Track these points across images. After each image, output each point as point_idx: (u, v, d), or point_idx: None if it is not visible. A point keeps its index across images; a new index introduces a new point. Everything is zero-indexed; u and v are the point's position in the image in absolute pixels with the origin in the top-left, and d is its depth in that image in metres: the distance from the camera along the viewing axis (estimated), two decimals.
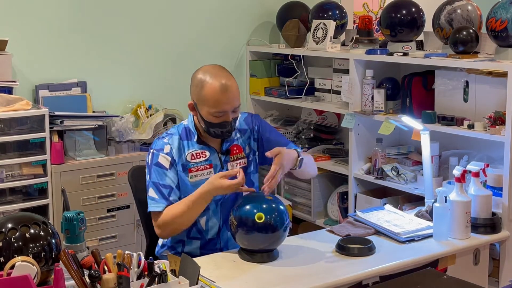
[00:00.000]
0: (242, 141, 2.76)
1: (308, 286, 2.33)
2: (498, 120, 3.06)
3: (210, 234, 2.73)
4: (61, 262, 2.00)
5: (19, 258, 1.99)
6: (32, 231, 2.08)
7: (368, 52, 3.74)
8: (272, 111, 4.70)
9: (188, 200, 2.61)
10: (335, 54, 4.02)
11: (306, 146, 4.27)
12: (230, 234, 2.62)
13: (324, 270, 2.47)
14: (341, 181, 4.14)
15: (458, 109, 3.35)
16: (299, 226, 4.30)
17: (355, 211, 3.21)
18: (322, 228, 3.71)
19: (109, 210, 3.85)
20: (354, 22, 4.97)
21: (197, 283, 2.11)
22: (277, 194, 4.25)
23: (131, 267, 2.05)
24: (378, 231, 2.83)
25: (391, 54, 3.61)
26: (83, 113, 3.86)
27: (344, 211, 4.03)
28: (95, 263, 2.05)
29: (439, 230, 2.77)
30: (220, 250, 2.71)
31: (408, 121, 3.23)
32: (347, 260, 2.57)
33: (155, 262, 2.11)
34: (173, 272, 2.13)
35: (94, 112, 3.97)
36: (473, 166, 2.92)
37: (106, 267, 2.02)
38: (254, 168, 2.79)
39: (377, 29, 4.78)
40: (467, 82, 3.30)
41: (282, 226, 2.50)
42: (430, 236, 2.79)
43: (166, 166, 2.64)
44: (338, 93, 4.05)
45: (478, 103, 3.27)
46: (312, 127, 4.35)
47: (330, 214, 4.19)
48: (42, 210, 3.52)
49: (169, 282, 2.05)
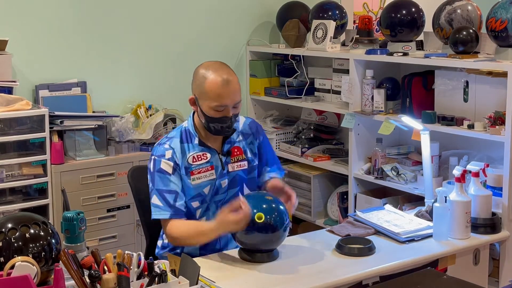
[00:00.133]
0: (244, 144, 2.76)
1: (308, 286, 2.34)
2: (498, 120, 3.06)
3: None
4: (61, 262, 2.00)
5: (19, 258, 1.99)
6: (32, 231, 2.08)
7: (368, 52, 3.74)
8: (272, 111, 4.69)
9: (199, 227, 2.60)
10: (335, 54, 4.02)
11: (306, 146, 4.27)
12: (230, 234, 2.62)
13: (324, 270, 2.47)
14: (341, 181, 4.14)
15: (458, 109, 3.35)
16: (299, 226, 4.30)
17: (355, 211, 3.20)
18: (322, 228, 3.71)
19: (109, 210, 3.84)
20: (354, 22, 4.97)
21: (197, 283, 2.11)
22: None
23: (131, 267, 2.05)
24: (378, 231, 2.83)
25: (391, 54, 3.61)
26: (83, 113, 3.86)
27: (344, 211, 4.03)
28: (95, 263, 2.05)
29: (439, 230, 2.77)
30: (220, 250, 2.70)
31: (408, 121, 3.23)
32: (347, 260, 2.56)
33: (155, 262, 2.11)
34: (173, 272, 2.13)
35: (94, 112, 3.97)
36: (473, 166, 2.92)
37: (106, 267, 2.02)
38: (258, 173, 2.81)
39: (377, 29, 4.78)
40: (467, 82, 3.30)
41: (282, 226, 2.50)
42: (430, 236, 2.79)
43: (169, 171, 2.63)
44: (338, 93, 4.04)
45: (478, 103, 3.26)
46: (312, 127, 4.35)
47: (330, 214, 4.19)
48: (42, 210, 3.52)
49: (169, 282, 2.05)
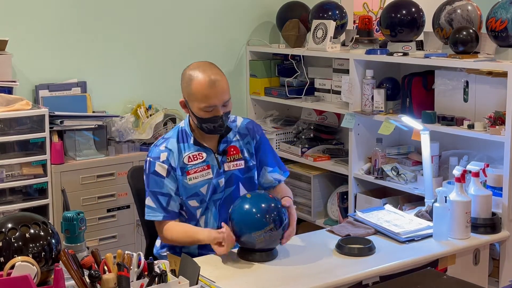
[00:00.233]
0: (241, 143, 2.76)
1: (308, 286, 2.33)
2: (498, 120, 3.06)
3: None
4: (61, 262, 2.00)
5: (19, 258, 1.99)
6: (32, 231, 2.08)
7: (368, 52, 3.74)
8: (272, 111, 4.69)
9: (190, 235, 2.62)
10: (335, 54, 4.02)
11: (306, 146, 4.27)
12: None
13: (324, 270, 2.46)
14: (341, 181, 4.14)
15: (458, 109, 3.35)
16: (299, 226, 4.28)
17: (355, 211, 3.20)
18: (322, 228, 3.71)
19: (109, 210, 3.84)
20: (354, 22, 4.97)
21: (197, 283, 2.11)
22: None
23: (131, 267, 2.05)
24: (378, 231, 2.83)
25: (391, 54, 3.61)
26: (83, 113, 3.86)
27: (344, 211, 4.03)
28: (95, 263, 2.05)
29: (439, 230, 2.77)
30: None
31: (408, 121, 3.23)
32: (347, 260, 2.56)
33: (155, 262, 2.11)
34: (173, 272, 2.13)
35: (94, 112, 3.97)
36: (473, 166, 2.92)
37: (106, 267, 2.02)
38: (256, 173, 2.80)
39: (377, 29, 4.78)
40: (467, 82, 3.30)
41: (281, 225, 2.50)
42: (430, 236, 2.79)
43: (163, 174, 2.64)
44: (338, 93, 4.04)
45: (478, 103, 3.26)
46: (312, 127, 4.35)
47: (330, 214, 4.19)
48: (42, 210, 3.52)
49: (169, 282, 2.05)
